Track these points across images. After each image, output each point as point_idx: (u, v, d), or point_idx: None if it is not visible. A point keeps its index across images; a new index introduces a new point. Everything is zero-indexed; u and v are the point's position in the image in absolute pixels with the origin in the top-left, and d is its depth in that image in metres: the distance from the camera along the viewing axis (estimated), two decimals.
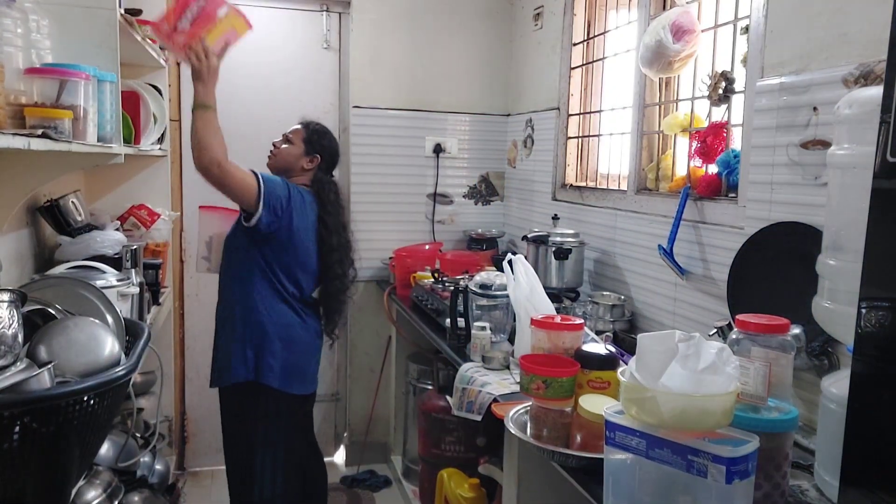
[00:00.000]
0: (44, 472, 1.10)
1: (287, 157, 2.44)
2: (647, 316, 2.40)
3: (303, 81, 3.48)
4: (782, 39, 1.79)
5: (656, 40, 2.17)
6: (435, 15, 3.50)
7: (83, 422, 1.12)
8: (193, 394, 3.48)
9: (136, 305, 2.03)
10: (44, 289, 1.43)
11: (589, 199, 2.88)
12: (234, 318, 2.32)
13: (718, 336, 1.73)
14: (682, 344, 1.15)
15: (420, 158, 3.53)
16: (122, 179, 2.97)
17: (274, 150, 2.47)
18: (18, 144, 1.18)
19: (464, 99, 3.59)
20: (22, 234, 2.01)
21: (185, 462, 3.51)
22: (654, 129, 2.56)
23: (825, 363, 1.61)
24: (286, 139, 2.47)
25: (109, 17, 1.81)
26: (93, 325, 1.29)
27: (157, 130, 2.79)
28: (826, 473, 1.31)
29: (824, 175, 1.61)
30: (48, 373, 1.11)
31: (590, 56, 3.04)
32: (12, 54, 1.40)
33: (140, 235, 2.76)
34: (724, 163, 2.08)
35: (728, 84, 2.08)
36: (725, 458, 1.05)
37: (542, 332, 1.60)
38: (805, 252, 1.53)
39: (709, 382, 1.12)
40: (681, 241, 2.17)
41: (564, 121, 3.12)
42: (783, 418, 1.21)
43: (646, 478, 1.16)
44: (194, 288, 3.43)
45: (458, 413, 2.11)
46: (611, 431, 1.19)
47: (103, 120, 1.68)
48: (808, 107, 1.68)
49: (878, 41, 1.51)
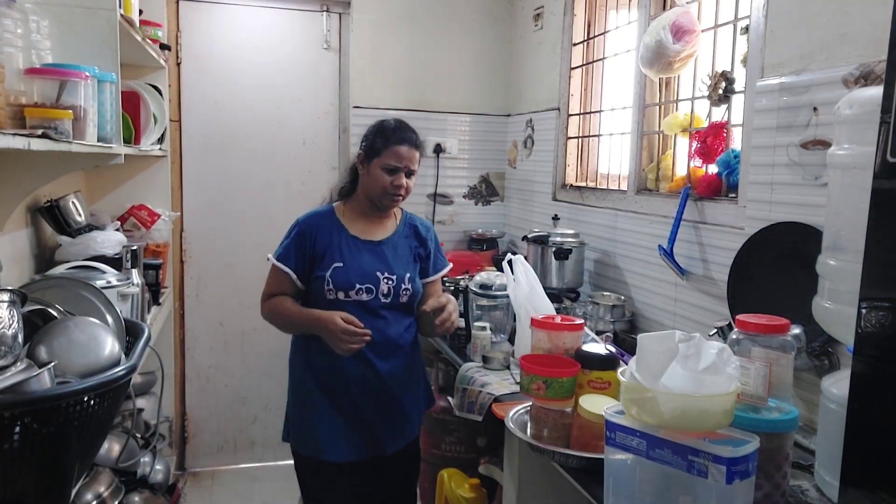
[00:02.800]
0: (44, 472, 1.10)
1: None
2: (648, 316, 2.40)
3: (303, 81, 3.48)
4: (782, 39, 1.79)
5: (656, 40, 2.17)
6: (435, 15, 3.50)
7: (83, 422, 1.12)
8: (193, 394, 3.48)
9: (136, 305, 2.03)
10: (44, 289, 1.43)
11: (589, 199, 2.88)
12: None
13: (718, 336, 1.73)
14: (682, 344, 1.15)
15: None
16: (122, 179, 2.97)
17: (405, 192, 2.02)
18: (18, 145, 1.17)
19: (464, 99, 3.58)
20: (22, 234, 2.01)
21: (186, 462, 3.51)
22: (654, 129, 2.56)
23: (825, 363, 1.61)
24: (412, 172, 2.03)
25: (109, 17, 1.81)
26: (93, 326, 1.29)
27: (157, 130, 2.79)
28: (826, 473, 1.31)
29: (824, 175, 1.61)
30: (48, 373, 1.11)
31: (590, 56, 3.04)
32: (12, 54, 1.40)
33: (140, 236, 2.76)
34: (724, 163, 2.08)
35: (728, 84, 2.08)
36: (726, 458, 1.05)
37: (542, 333, 1.60)
38: (805, 252, 1.53)
39: (709, 383, 1.12)
40: (681, 241, 2.17)
41: (564, 121, 3.12)
42: (783, 418, 1.21)
43: (646, 478, 1.16)
44: (194, 288, 3.43)
45: (458, 413, 2.12)
46: (611, 431, 1.19)
47: (103, 120, 1.68)
48: (808, 107, 1.68)
49: (878, 41, 1.51)
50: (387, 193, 1.98)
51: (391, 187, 1.97)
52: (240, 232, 3.45)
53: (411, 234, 2.11)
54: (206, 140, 3.36)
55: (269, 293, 2.04)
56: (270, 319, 2.04)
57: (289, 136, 3.48)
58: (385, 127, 2.02)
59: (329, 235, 2.01)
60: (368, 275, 1.96)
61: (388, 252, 2.04)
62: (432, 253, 2.14)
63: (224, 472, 3.51)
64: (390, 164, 1.96)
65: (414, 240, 2.11)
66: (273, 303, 2.01)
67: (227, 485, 3.40)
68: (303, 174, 3.53)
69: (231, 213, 3.43)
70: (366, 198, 2.04)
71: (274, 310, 2.01)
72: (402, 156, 1.97)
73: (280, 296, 2.01)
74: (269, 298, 2.03)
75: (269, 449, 3.60)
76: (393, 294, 1.98)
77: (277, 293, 2.02)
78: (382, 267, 1.99)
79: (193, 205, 3.38)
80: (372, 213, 2.07)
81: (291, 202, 3.52)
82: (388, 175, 1.97)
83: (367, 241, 2.02)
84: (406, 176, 1.99)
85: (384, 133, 2.00)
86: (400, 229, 2.10)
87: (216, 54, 3.33)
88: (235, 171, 3.42)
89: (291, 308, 1.98)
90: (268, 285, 2.04)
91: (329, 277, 1.94)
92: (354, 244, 2.01)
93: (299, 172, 3.53)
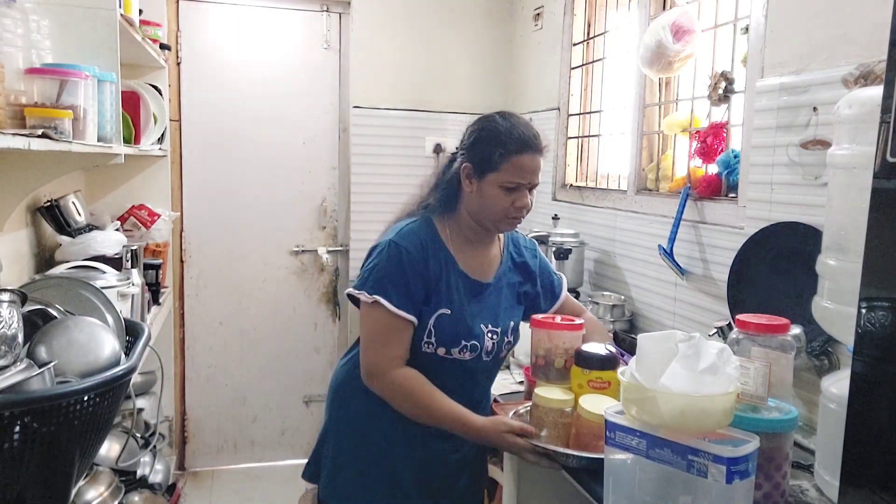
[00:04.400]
0: (44, 472, 1.10)
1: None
2: (648, 316, 2.40)
3: (303, 81, 3.48)
4: (782, 39, 1.79)
5: (656, 40, 2.17)
6: (435, 15, 3.50)
7: (83, 422, 1.12)
8: (193, 394, 3.48)
9: (136, 305, 2.03)
10: (44, 289, 1.43)
11: (589, 199, 2.88)
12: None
13: (718, 336, 1.73)
14: (682, 344, 1.15)
15: (420, 158, 3.53)
16: (122, 179, 2.97)
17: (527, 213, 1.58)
18: (18, 144, 1.17)
19: (464, 99, 3.58)
20: (22, 234, 2.01)
21: (186, 462, 3.51)
22: (654, 129, 2.56)
23: (825, 363, 1.62)
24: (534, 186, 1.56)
25: (109, 17, 1.81)
26: (93, 325, 1.29)
27: (157, 130, 2.79)
28: (826, 473, 1.31)
29: (824, 175, 1.61)
30: (48, 373, 1.11)
31: (590, 56, 3.04)
32: (12, 54, 1.40)
33: (140, 235, 2.76)
34: (724, 163, 2.08)
35: (728, 84, 2.08)
36: (726, 458, 1.05)
37: (542, 332, 1.59)
38: (805, 252, 1.53)
39: (709, 383, 1.12)
40: (681, 241, 2.17)
41: (564, 121, 3.12)
42: (783, 418, 1.21)
43: (646, 478, 1.16)
44: (194, 288, 3.43)
45: None
46: (611, 431, 1.19)
47: (103, 120, 1.68)
48: (808, 107, 1.68)
49: (878, 41, 1.51)
50: (506, 218, 1.54)
51: (513, 210, 1.52)
52: (240, 232, 3.45)
53: (514, 269, 1.69)
54: (206, 140, 3.36)
55: (394, 356, 1.50)
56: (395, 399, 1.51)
57: (289, 136, 3.49)
58: (500, 131, 1.52)
59: (440, 268, 1.54)
60: (475, 328, 1.54)
61: (493, 296, 1.62)
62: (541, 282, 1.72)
63: (224, 471, 3.52)
64: (513, 181, 1.50)
65: (517, 275, 1.68)
66: (411, 384, 1.49)
67: (227, 485, 3.40)
68: (303, 174, 3.54)
69: (231, 213, 3.43)
70: (475, 220, 1.59)
71: (411, 394, 1.49)
72: (526, 168, 1.50)
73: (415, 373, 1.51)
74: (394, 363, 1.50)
75: (269, 449, 3.61)
76: (495, 351, 1.61)
77: (400, 355, 1.51)
78: (487, 317, 1.58)
79: (193, 205, 3.38)
80: (477, 239, 1.62)
81: (291, 202, 3.52)
82: (508, 194, 1.51)
83: (475, 280, 1.59)
84: (529, 191, 1.55)
85: (500, 140, 1.51)
86: (505, 262, 1.67)
87: (216, 54, 3.33)
88: (235, 170, 3.42)
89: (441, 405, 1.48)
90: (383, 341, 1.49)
91: (432, 327, 1.51)
92: (465, 285, 1.57)
93: (299, 172, 3.53)
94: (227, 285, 3.46)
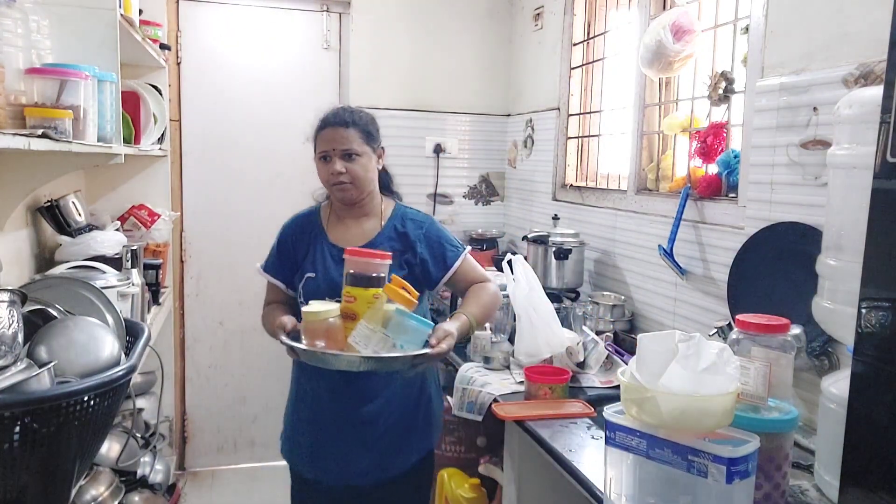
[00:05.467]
0: (44, 472, 1.10)
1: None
2: (648, 316, 2.40)
3: (303, 81, 3.48)
4: (782, 39, 1.79)
5: (656, 40, 2.17)
6: (435, 15, 3.50)
7: (83, 422, 1.12)
8: (193, 394, 3.48)
9: (136, 305, 2.03)
10: (44, 289, 1.43)
11: (589, 199, 2.88)
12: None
13: (718, 336, 1.73)
14: (682, 344, 1.15)
15: (420, 158, 3.53)
16: (122, 179, 2.97)
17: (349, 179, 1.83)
18: (18, 144, 1.17)
19: (464, 99, 3.59)
20: (22, 234, 2.01)
21: (186, 462, 3.51)
22: (654, 129, 2.56)
23: (825, 363, 1.62)
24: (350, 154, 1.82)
25: (109, 17, 1.81)
26: (93, 326, 1.29)
27: (157, 130, 2.79)
28: (826, 473, 1.31)
29: (824, 175, 1.61)
30: (48, 373, 1.11)
31: (590, 56, 3.04)
32: (12, 54, 1.39)
33: (140, 235, 2.76)
34: (724, 163, 2.08)
35: (728, 84, 2.08)
36: (726, 458, 1.05)
37: (355, 259, 1.64)
38: (805, 252, 1.53)
39: (709, 383, 1.12)
40: (681, 241, 2.17)
41: (564, 121, 3.12)
42: (783, 418, 1.21)
43: (646, 478, 1.16)
44: (194, 288, 3.43)
45: (458, 413, 2.11)
46: (611, 431, 1.19)
47: (103, 120, 1.68)
48: (808, 107, 1.68)
49: (878, 41, 1.51)
50: (331, 185, 1.81)
51: (332, 177, 1.79)
52: (240, 232, 3.45)
53: (396, 238, 1.85)
54: (206, 140, 3.36)
55: (266, 301, 1.95)
56: (263, 325, 1.91)
57: (289, 135, 3.48)
58: (320, 117, 1.86)
59: (308, 241, 1.87)
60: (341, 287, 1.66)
61: None
62: (428, 254, 1.86)
63: (224, 471, 3.51)
64: (322, 150, 1.81)
65: (398, 243, 1.84)
66: (265, 311, 1.91)
67: (227, 485, 3.40)
68: (303, 174, 3.52)
69: (231, 213, 3.43)
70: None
71: (263, 318, 1.91)
72: (327, 138, 1.79)
73: (273, 304, 1.91)
74: (266, 306, 1.94)
75: (269, 449, 3.60)
76: None
77: (272, 301, 1.92)
78: None
79: (193, 205, 3.38)
80: (347, 213, 1.88)
81: (291, 202, 3.50)
82: (325, 164, 1.80)
83: (342, 248, 1.77)
84: (344, 159, 1.78)
85: (317, 124, 1.85)
86: (385, 233, 1.86)
87: (216, 54, 3.33)
88: (235, 171, 3.42)
89: (269, 315, 1.85)
90: (265, 295, 1.96)
91: (301, 288, 1.78)
92: (331, 252, 1.83)
93: (299, 172, 3.52)
94: (227, 285, 3.45)
